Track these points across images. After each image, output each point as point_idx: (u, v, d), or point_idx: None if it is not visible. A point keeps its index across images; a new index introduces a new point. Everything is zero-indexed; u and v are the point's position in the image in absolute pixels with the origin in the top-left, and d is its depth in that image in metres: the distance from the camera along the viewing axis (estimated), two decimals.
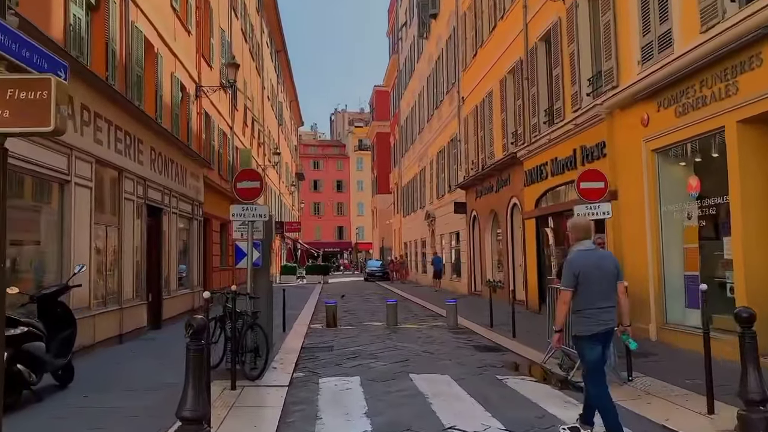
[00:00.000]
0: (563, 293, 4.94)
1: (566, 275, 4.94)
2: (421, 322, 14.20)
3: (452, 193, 24.81)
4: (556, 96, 13.61)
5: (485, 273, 20.37)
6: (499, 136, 18.17)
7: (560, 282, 5.01)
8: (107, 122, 9.89)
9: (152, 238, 12.67)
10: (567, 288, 4.90)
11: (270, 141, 34.84)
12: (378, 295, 24.65)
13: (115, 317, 10.13)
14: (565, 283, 4.92)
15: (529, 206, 15.30)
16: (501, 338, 10.94)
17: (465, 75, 22.53)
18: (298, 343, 10.50)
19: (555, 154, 13.51)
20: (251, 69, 28.10)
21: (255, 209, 7.79)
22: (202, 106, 17.49)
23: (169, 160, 13.63)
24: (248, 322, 7.47)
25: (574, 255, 5.03)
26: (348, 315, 15.84)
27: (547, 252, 14.90)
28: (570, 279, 4.85)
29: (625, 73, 10.59)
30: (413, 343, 10.62)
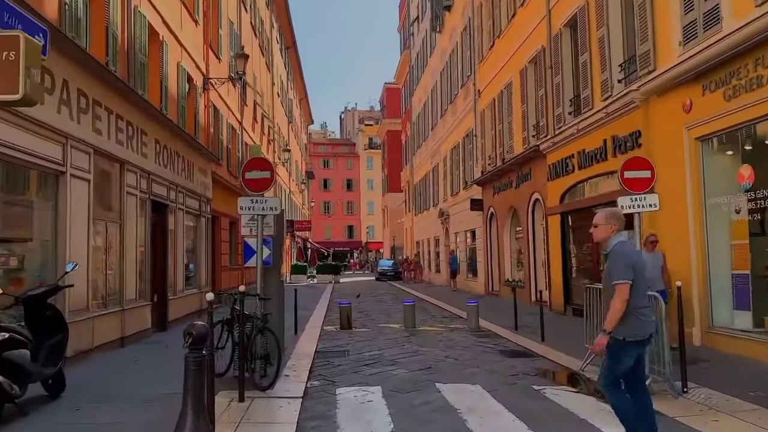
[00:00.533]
0: (623, 288, 4.22)
1: (621, 267, 4.28)
2: (439, 324, 13.46)
3: (468, 190, 24.04)
4: (584, 84, 12.81)
5: (503, 272, 19.59)
6: (519, 129, 17.39)
7: (612, 276, 4.26)
8: (107, 110, 9.24)
9: (157, 236, 12.03)
10: (628, 280, 4.25)
11: (280, 138, 34.23)
12: (391, 295, 23.93)
13: (116, 319, 9.48)
14: (625, 276, 4.26)
15: (553, 201, 14.51)
16: (529, 342, 10.19)
17: (481, 67, 21.75)
18: (311, 346, 9.81)
19: (582, 146, 12.72)
20: (261, 64, 27.47)
21: (265, 202, 7.09)
22: (210, 99, 16.85)
23: (175, 154, 12.99)
24: (258, 325, 6.79)
25: (624, 246, 4.43)
26: (362, 316, 15.13)
27: (572, 250, 14.09)
28: (628, 271, 4.24)
29: (663, 56, 9.79)
30: (435, 347, 9.89)
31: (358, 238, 78.42)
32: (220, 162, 17.80)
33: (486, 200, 21.37)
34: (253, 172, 7.14)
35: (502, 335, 11.22)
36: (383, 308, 17.63)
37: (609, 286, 4.33)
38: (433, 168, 32.45)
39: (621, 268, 4.29)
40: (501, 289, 19.61)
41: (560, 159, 13.97)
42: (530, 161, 16.20)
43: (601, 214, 4.53)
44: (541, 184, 15.47)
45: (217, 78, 16.85)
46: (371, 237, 76.55)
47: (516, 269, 18.90)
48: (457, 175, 26.32)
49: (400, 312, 16.04)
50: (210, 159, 16.21)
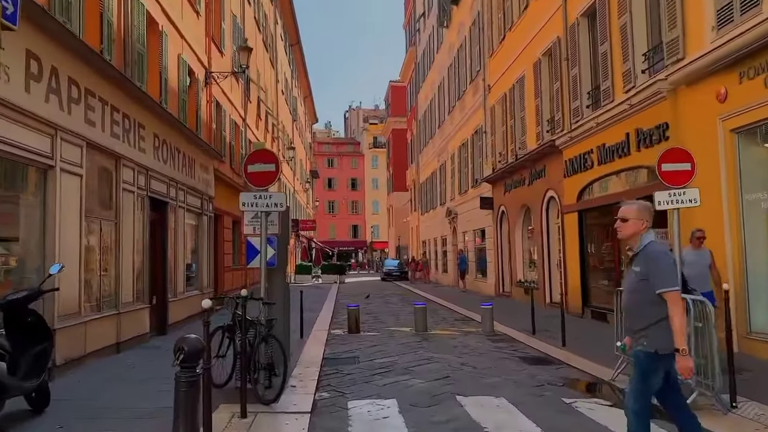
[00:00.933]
0: (677, 296, 3.64)
1: (671, 272, 3.73)
2: (452, 327, 12.85)
3: (477, 188, 23.42)
4: (603, 75, 12.19)
5: (515, 273, 18.97)
6: (532, 125, 16.76)
7: (661, 283, 3.63)
8: (101, 101, 8.68)
9: (156, 235, 11.47)
10: (678, 287, 3.73)
11: (284, 136, 33.69)
12: (398, 296, 23.34)
13: (112, 323, 8.92)
14: (676, 282, 3.74)
15: (570, 199, 13.89)
16: (548, 347, 9.59)
17: (491, 61, 21.13)
18: (318, 352, 9.23)
19: (602, 140, 12.10)
20: (264, 59, 26.92)
21: (269, 198, 6.51)
22: (212, 93, 16.29)
23: (176, 149, 12.43)
24: (262, 332, 6.21)
25: (663, 247, 3.89)
26: (370, 319, 14.55)
27: (591, 249, 13.45)
28: (676, 276, 3.80)
29: (693, 43, 9.17)
30: (449, 353, 9.29)
31: (363, 238, 77.87)
32: (223, 159, 17.24)
33: (496, 198, 20.75)
34: (256, 165, 6.55)
35: (519, 339, 10.62)
36: (391, 310, 17.05)
37: (641, 291, 3.71)
38: (440, 166, 31.83)
39: (671, 273, 3.73)
40: (513, 290, 18.99)
41: (578, 154, 13.35)
42: (544, 157, 15.59)
43: (631, 206, 3.87)
44: (557, 181, 14.85)
45: (219, 72, 16.29)
46: (376, 237, 75.99)
47: (528, 270, 18.28)
48: (465, 173, 25.70)
49: (409, 314, 15.47)
50: (212, 155, 15.65)
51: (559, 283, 15.45)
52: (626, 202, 3.98)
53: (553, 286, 15.71)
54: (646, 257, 3.73)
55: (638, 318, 3.76)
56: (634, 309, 3.80)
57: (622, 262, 11.74)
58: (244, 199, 6.45)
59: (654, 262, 3.69)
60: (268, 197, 6.46)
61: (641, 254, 3.78)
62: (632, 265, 3.85)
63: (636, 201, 4.06)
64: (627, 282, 3.95)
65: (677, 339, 3.57)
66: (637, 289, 3.77)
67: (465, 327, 12.79)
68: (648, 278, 3.67)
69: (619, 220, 3.88)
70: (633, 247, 3.86)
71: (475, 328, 12.38)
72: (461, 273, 25.42)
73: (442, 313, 15.68)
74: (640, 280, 3.75)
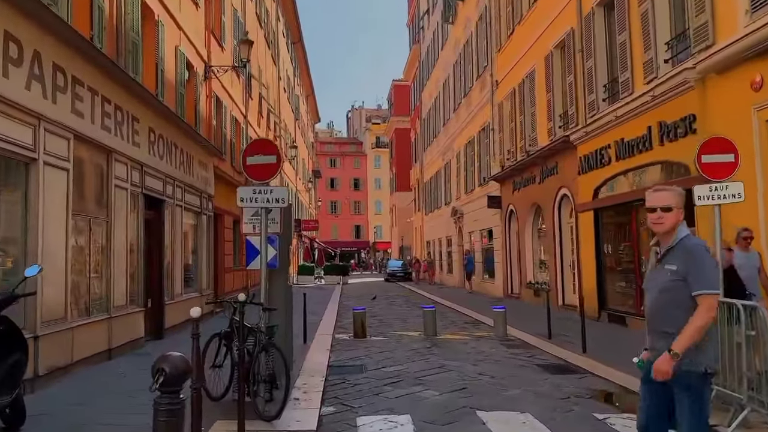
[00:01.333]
0: (713, 301, 3.03)
1: (715, 273, 3.19)
2: (462, 331, 12.25)
3: (484, 187, 22.82)
4: (622, 66, 11.59)
5: (524, 274, 18.36)
6: (543, 120, 16.16)
7: (701, 284, 3.00)
8: (91, 91, 8.11)
9: (152, 234, 10.92)
10: (719, 292, 3.23)
11: (286, 134, 33.13)
12: (404, 297, 22.75)
13: (102, 328, 8.35)
14: (717, 285, 3.26)
15: (585, 197, 13.29)
16: (568, 354, 8.99)
17: (499, 57, 20.54)
18: (323, 359, 8.64)
19: (621, 135, 11.50)
20: (266, 56, 26.37)
21: (270, 192, 5.92)
22: (212, 88, 15.73)
23: (173, 145, 11.86)
24: (262, 341, 5.63)
25: (704, 242, 3.23)
26: (376, 322, 13.95)
27: (607, 249, 12.83)
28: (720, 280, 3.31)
29: (724, 29, 8.57)
30: (463, 360, 8.69)
31: (366, 238, 77.30)
32: (223, 156, 16.68)
33: (505, 197, 20.16)
34: (255, 157, 5.97)
35: (535, 345, 10.02)
36: (397, 313, 16.45)
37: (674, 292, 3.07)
38: (445, 165, 31.24)
39: (714, 273, 3.15)
40: (522, 292, 18.39)
41: (594, 150, 12.75)
42: (557, 154, 14.99)
43: (671, 192, 3.19)
44: (570, 179, 14.25)
45: (219, 66, 15.73)
46: (379, 237, 75.41)
47: (539, 271, 17.68)
48: (471, 172, 25.11)
49: (416, 317, 14.88)
50: (212, 152, 15.08)
51: (572, 285, 14.87)
52: (662, 188, 3.29)
53: (566, 287, 15.12)
54: (686, 253, 3.07)
55: (665, 321, 3.10)
56: (662, 311, 3.13)
57: (642, 263, 11.14)
58: (242, 194, 5.87)
59: (695, 259, 3.04)
60: (269, 192, 5.88)
61: (677, 249, 3.12)
62: (663, 262, 3.20)
63: (672, 186, 3.39)
64: (655, 281, 3.21)
65: (682, 339, 2.96)
66: (669, 288, 3.10)
67: (476, 331, 12.20)
68: (686, 278, 3.03)
69: (659, 209, 3.21)
70: (663, 241, 3.23)
71: (487, 332, 11.79)
72: (467, 274, 24.81)
73: (451, 316, 15.08)
74: (675, 280, 3.07)
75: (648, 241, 11.21)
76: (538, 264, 17.82)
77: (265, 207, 5.90)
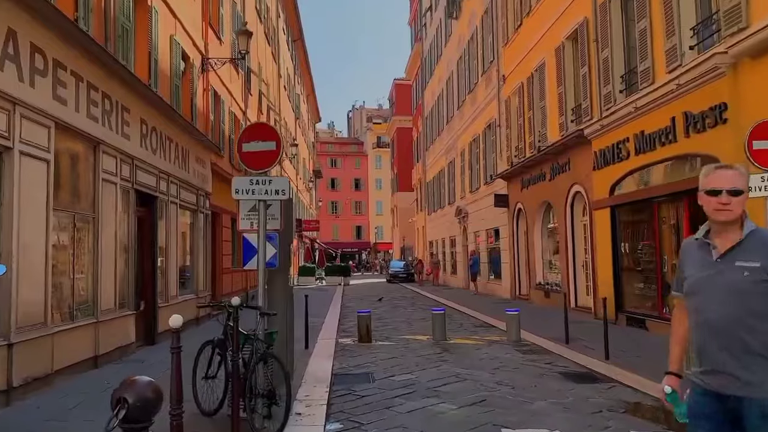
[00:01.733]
0: None
1: None
2: (473, 335, 11.61)
3: (490, 185, 22.20)
4: (641, 55, 10.96)
5: (533, 274, 17.71)
6: (554, 115, 15.53)
7: None
8: (75, 77, 7.49)
9: (145, 233, 10.30)
10: None
11: (287, 133, 32.52)
12: (408, 299, 22.10)
13: (87, 334, 7.71)
14: None
15: (601, 193, 12.65)
16: (589, 360, 8.36)
17: (506, 51, 19.92)
18: (326, 367, 8.01)
19: (641, 127, 10.87)
20: (266, 52, 25.76)
21: (269, 183, 5.29)
22: (209, 82, 15.11)
23: (167, 139, 11.23)
24: (259, 350, 5.00)
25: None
26: (381, 325, 13.32)
27: (625, 249, 12.18)
28: None
29: (759, 9, 7.94)
30: (479, 368, 8.05)
31: (367, 239, 76.67)
32: (221, 152, 16.06)
33: (512, 195, 19.52)
34: (252, 144, 5.34)
35: (553, 350, 9.38)
36: (403, 315, 15.81)
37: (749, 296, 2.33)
38: (448, 164, 30.61)
39: None
40: (531, 294, 17.75)
41: (610, 144, 12.12)
42: (569, 149, 14.35)
43: (738, 173, 2.44)
44: (584, 175, 13.61)
45: (217, 58, 15.10)
46: (380, 238, 74.80)
47: (549, 271, 17.04)
48: (477, 170, 24.47)
49: (422, 320, 14.28)
50: (209, 148, 14.46)
51: (585, 286, 14.24)
52: (725, 166, 2.54)
53: (579, 289, 14.47)
54: (757, 244, 2.38)
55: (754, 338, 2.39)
56: (744, 323, 2.40)
57: (664, 263, 10.51)
58: (237, 185, 5.23)
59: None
60: (267, 183, 5.25)
61: (753, 242, 2.41)
62: (729, 258, 2.47)
63: (737, 164, 2.66)
64: (716, 283, 2.49)
65: None
66: (748, 292, 2.40)
67: (487, 335, 11.55)
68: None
69: (726, 193, 2.49)
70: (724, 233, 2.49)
71: (499, 336, 11.15)
72: (473, 275, 24.15)
73: (458, 319, 14.43)
74: (761, 281, 2.39)
75: (671, 239, 10.60)
76: (547, 264, 17.18)
77: (263, 199, 5.27)
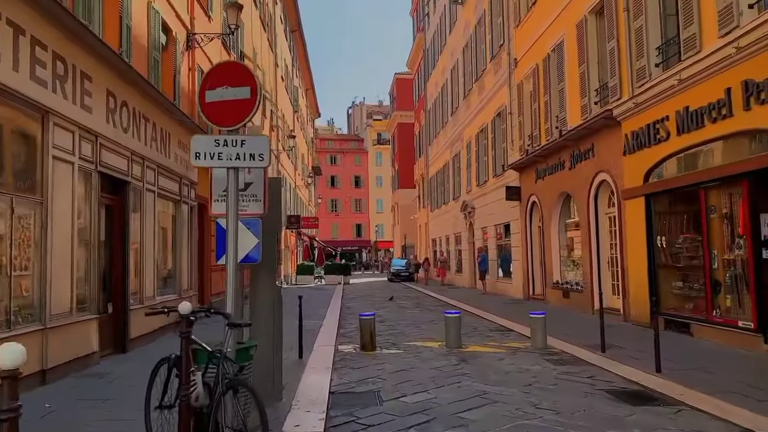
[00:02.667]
0: None
1: None
2: (491, 341, 10.22)
3: (499, 178, 20.80)
4: (685, 21, 9.55)
5: (549, 272, 16.31)
6: (575, 97, 14.13)
7: None
8: (15, 28, 6.09)
9: (115, 224, 8.92)
10: None
11: (284, 125, 31.10)
12: (412, 299, 20.70)
13: (33, 344, 6.29)
14: None
15: (633, 181, 11.25)
16: (637, 373, 6.99)
17: (518, 32, 18.52)
18: (323, 383, 6.62)
19: (685, 102, 9.47)
20: (262, 38, 24.37)
21: (241, 144, 3.89)
22: (196, 61, 13.71)
23: (143, 118, 9.84)
24: (227, 374, 3.61)
25: None
26: (386, 329, 11.92)
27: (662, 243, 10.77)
28: None
29: None
30: (508, 384, 6.65)
31: (367, 237, 75.27)
32: None
33: (525, 188, 18.13)
34: (219, 91, 3.94)
35: (590, 361, 7.99)
36: (409, 317, 14.40)
37: None
38: (453, 157, 29.20)
39: None
40: (547, 293, 16.35)
41: (645, 125, 10.71)
42: (593, 134, 12.95)
43: None
44: (612, 161, 12.21)
45: (203, 33, 13.70)
46: (380, 236, 73.40)
47: (567, 269, 15.65)
48: (485, 162, 23.07)
49: (431, 323, 12.90)
50: (195, 132, 13.03)
51: (611, 285, 12.85)
52: None
53: (604, 288, 13.07)
54: None
55: None
56: None
57: (713, 259, 9.11)
58: (197, 146, 3.84)
59: None
60: (239, 144, 3.84)
61: None
62: None
63: None
64: None
65: None
66: None
67: (506, 341, 10.16)
68: None
69: None
70: None
71: (521, 343, 9.76)
72: (481, 273, 22.71)
73: (470, 321, 13.01)
74: None
75: (722, 231, 9.22)
76: (565, 261, 15.78)
77: (234, 167, 3.87)
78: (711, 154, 9.17)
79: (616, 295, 12.45)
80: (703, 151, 9.33)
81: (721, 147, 8.90)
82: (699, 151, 9.43)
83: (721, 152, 8.92)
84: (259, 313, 5.71)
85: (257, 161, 3.88)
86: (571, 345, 9.17)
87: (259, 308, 5.72)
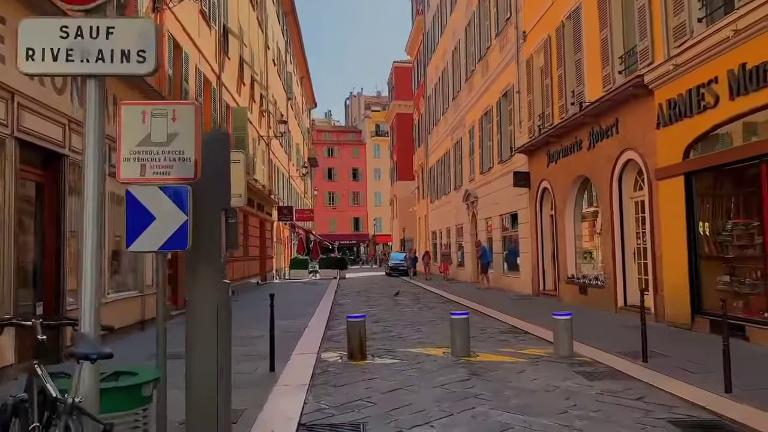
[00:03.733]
0: None
1: None
2: (505, 346, 8.60)
3: (505, 163, 19.17)
4: None
5: (562, 266, 14.69)
6: (595, 67, 12.47)
7: None
8: None
9: (46, 205, 7.29)
10: None
11: (276, 111, 29.42)
12: (411, 295, 19.10)
13: None
14: None
15: (669, 158, 9.62)
16: (700, 393, 5.41)
17: (526, 2, 16.85)
18: (293, 410, 5.01)
19: (739, 59, 7.82)
20: (250, 16, 22.68)
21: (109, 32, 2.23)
22: (165, 24, 12.04)
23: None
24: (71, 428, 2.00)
25: None
26: (380, 330, 10.32)
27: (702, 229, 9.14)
28: None
29: None
30: (538, 412, 5.03)
31: (365, 231, 73.65)
32: None
33: (535, 173, 16.50)
34: None
35: (630, 373, 6.40)
36: (407, 317, 12.78)
37: None
38: (454, 144, 27.55)
39: None
40: (561, 289, 14.73)
41: (685, 91, 9.06)
42: (618, 107, 11.30)
43: None
44: (641, 137, 10.57)
45: None
46: (378, 230, 71.81)
47: (583, 262, 14.04)
48: (489, 147, 21.42)
49: (432, 323, 11.30)
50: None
51: (637, 280, 11.25)
52: None
53: (629, 284, 11.48)
54: None
55: None
56: None
57: None
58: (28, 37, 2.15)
59: None
60: (104, 32, 2.19)
61: None
62: None
63: None
64: None
65: None
66: None
67: (523, 346, 8.54)
68: None
69: None
70: None
71: (541, 349, 8.15)
72: (483, 267, 21.03)
73: (478, 321, 11.36)
74: None
75: None
76: (581, 253, 14.17)
77: (94, 74, 2.22)
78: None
79: (644, 289, 10.82)
80: (765, 118, 7.69)
81: None
82: (756, 119, 7.79)
83: None
84: (196, 323, 4.10)
85: (133, 64, 2.25)
86: (601, 352, 7.58)
87: (196, 317, 4.11)
